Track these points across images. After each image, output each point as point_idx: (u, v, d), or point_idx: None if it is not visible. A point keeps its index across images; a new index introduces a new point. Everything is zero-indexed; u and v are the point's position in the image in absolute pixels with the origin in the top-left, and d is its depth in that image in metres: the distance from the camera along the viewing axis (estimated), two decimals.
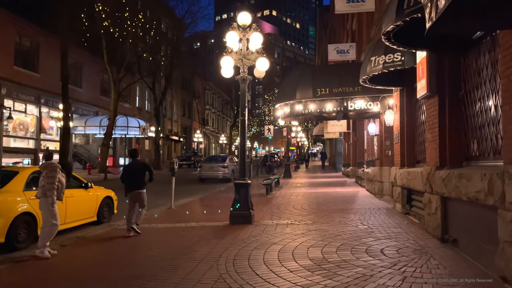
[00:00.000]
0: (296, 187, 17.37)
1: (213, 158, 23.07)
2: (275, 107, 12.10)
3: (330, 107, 10.63)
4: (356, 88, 10.43)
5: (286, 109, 11.36)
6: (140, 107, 44.49)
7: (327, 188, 16.47)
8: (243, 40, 8.68)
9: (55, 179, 6.16)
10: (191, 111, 61.35)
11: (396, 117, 9.79)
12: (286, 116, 11.42)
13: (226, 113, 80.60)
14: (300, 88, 10.77)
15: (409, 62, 7.46)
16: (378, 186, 12.51)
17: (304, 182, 20.36)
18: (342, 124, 21.41)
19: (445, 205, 6.26)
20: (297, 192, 14.96)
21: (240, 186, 8.63)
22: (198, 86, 64.13)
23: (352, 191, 15.03)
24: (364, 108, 10.62)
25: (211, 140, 70.91)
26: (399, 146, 9.52)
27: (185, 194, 15.46)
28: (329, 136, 27.72)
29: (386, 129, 12.21)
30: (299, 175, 28.21)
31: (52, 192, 6.10)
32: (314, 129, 40.18)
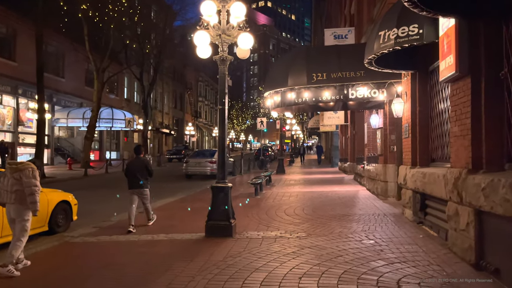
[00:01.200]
0: (289, 185, 15.84)
1: (201, 153, 21.48)
2: (264, 96, 10.52)
3: (327, 95, 9.06)
4: (359, 73, 8.86)
5: (276, 97, 9.77)
6: (129, 98, 42.72)
7: (323, 187, 14.95)
8: (223, 12, 7.06)
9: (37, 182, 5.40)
10: (183, 103, 59.56)
11: (406, 107, 8.24)
12: (276, 106, 9.84)
13: None
14: (293, 73, 9.17)
15: (429, 36, 5.88)
16: (382, 186, 11.00)
17: (298, 179, 18.84)
18: (340, 116, 19.87)
19: (482, 221, 4.74)
20: (290, 192, 13.43)
21: (218, 191, 7.06)
22: (190, 78, 62.29)
23: (351, 190, 13.51)
24: (367, 96, 9.07)
25: (204, 133, 69.23)
26: (410, 141, 7.99)
27: (167, 193, 13.93)
28: (325, 129, 26.19)
29: (391, 121, 10.69)
30: (294, 170, 26.69)
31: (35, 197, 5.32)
32: (309, 122, 38.62)
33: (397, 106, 8.29)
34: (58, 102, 30.38)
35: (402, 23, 6.11)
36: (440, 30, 5.62)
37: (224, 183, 7.11)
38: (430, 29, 5.88)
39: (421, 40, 5.94)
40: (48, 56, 28.39)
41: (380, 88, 8.99)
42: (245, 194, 12.97)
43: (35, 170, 5.44)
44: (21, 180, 5.30)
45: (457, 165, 5.40)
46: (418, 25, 5.95)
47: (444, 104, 6.91)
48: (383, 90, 8.99)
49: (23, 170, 5.34)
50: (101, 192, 15.13)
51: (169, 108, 54.01)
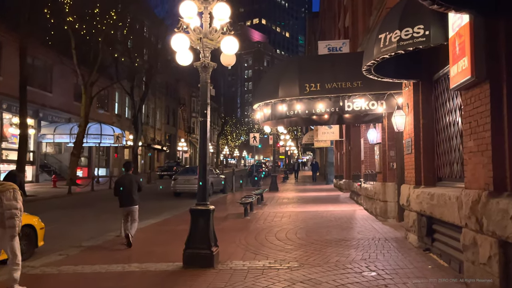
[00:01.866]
0: (282, 204, 14.97)
1: (190, 170, 20.60)
2: (253, 108, 9.75)
3: (321, 107, 8.30)
4: (356, 84, 8.13)
5: (266, 110, 8.99)
6: (120, 114, 41.88)
7: (318, 206, 14.09)
8: (205, 14, 6.34)
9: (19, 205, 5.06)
10: (176, 119, 58.81)
11: (408, 120, 7.50)
12: (266, 119, 9.05)
13: (213, 121, 78.13)
14: (284, 83, 8.43)
15: (437, 37, 5.17)
16: (381, 206, 10.18)
17: (291, 197, 17.97)
18: (334, 131, 19.16)
19: (509, 255, 3.92)
20: (283, 212, 12.56)
21: (198, 215, 6.21)
22: (184, 93, 61.70)
23: (347, 210, 12.67)
24: (365, 108, 8.32)
25: (197, 149, 68.28)
26: (413, 157, 7.22)
27: (152, 212, 13.03)
28: (319, 145, 25.47)
29: (390, 136, 9.94)
30: (287, 187, 25.83)
31: (14, 221, 4.99)
32: (303, 138, 37.96)
33: (398, 119, 7.54)
34: (44, 117, 29.46)
35: (405, 24, 5.40)
36: (450, 30, 4.90)
37: (205, 206, 6.27)
38: (437, 30, 5.17)
39: (427, 43, 5.22)
40: (35, 70, 27.66)
41: (379, 100, 8.26)
42: (234, 214, 12.10)
43: (17, 191, 5.11)
44: (1, 202, 4.95)
45: (474, 185, 4.61)
46: (423, 26, 5.23)
47: (452, 116, 6.16)
48: (382, 102, 8.26)
49: (4, 192, 5.00)
50: (81, 212, 14.18)
51: (162, 124, 53.18)
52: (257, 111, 9.55)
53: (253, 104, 9.39)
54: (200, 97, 6.48)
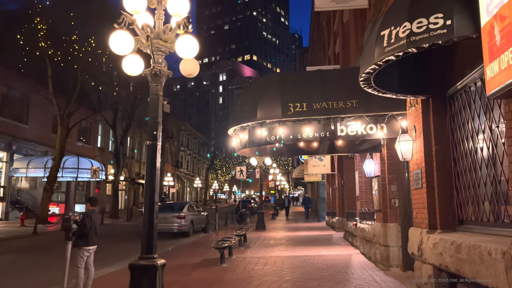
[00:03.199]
0: (267, 247, 13.19)
1: (168, 206, 18.77)
2: (228, 133, 8.23)
3: (309, 131, 6.81)
4: (349, 103, 6.70)
5: (243, 135, 7.47)
6: (102, 147, 40.13)
7: (308, 249, 12.35)
8: (158, 9, 4.94)
9: None
10: (164, 153, 57.12)
11: (416, 146, 6.02)
12: (243, 146, 7.49)
13: (202, 155, 76.62)
14: (264, 103, 6.95)
15: (463, 27, 3.76)
16: (382, 251, 8.53)
17: (279, 238, 16.19)
18: (325, 164, 17.68)
19: None
20: (267, 258, 10.82)
21: (140, 273, 4.54)
22: (172, 127, 60.36)
23: (342, 255, 10.95)
24: (361, 133, 6.84)
25: (185, 184, 66.23)
26: (425, 193, 5.68)
27: (117, 256, 11.30)
28: (310, 179, 23.90)
29: (391, 167, 8.46)
30: (276, 225, 23.98)
31: None
32: (293, 172, 36.42)
33: (404, 145, 6.05)
34: (18, 150, 27.64)
35: (417, 14, 4.01)
36: (483, 14, 3.50)
37: (150, 260, 4.61)
38: (463, 17, 3.77)
39: (450, 35, 3.80)
40: (10, 100, 26.17)
41: (378, 123, 6.81)
42: (210, 260, 10.33)
43: None
44: None
45: None
46: (443, 14, 3.84)
47: (477, 139, 4.69)
48: (382, 125, 6.80)
49: None
50: (36, 257, 12.28)
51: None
52: (233, 137, 8.03)
53: (228, 129, 7.91)
54: (149, 113, 4.97)
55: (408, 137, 6.09)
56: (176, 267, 9.77)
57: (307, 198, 31.15)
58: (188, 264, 10.11)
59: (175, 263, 10.29)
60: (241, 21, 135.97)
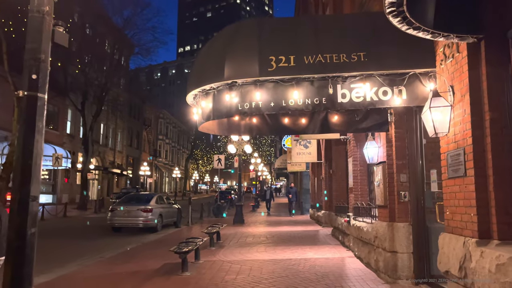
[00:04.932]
0: (244, 246, 11.23)
1: (134, 198, 16.58)
2: (187, 102, 6.10)
3: (298, 97, 4.76)
4: (355, 56, 4.69)
5: (205, 103, 5.36)
6: (72, 134, 37.43)
7: (292, 250, 10.44)
8: None
9: None
10: (140, 141, 54.53)
11: (456, 116, 4.07)
12: (206, 119, 5.34)
13: (182, 144, 74.10)
14: (234, 57, 4.85)
15: None
16: (387, 259, 6.65)
17: (259, 234, 14.24)
18: (311, 151, 15.76)
19: None
20: (242, 262, 8.86)
21: None
22: (150, 114, 57.73)
23: (333, 259, 9.06)
24: (370, 99, 4.83)
25: (164, 174, 63.80)
26: (472, 184, 3.76)
27: (60, 259, 9.40)
28: (293, 169, 22.03)
29: (400, 151, 6.56)
30: (256, 219, 22.06)
31: None
32: (276, 161, 34.53)
33: (437, 114, 4.11)
34: None
35: None
36: None
37: None
38: None
39: None
40: None
41: (395, 85, 4.83)
42: (172, 266, 8.33)
43: None
44: None
45: None
46: None
47: None
48: (400, 88, 4.82)
49: None
50: None
51: (123, 146, 48.78)
52: (193, 106, 5.92)
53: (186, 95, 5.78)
54: (27, 42, 2.86)
55: (444, 102, 4.14)
56: (125, 275, 7.74)
57: (293, 189, 25.30)
58: (143, 271, 8.08)
59: (127, 270, 8.25)
60: (224, 9, 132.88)
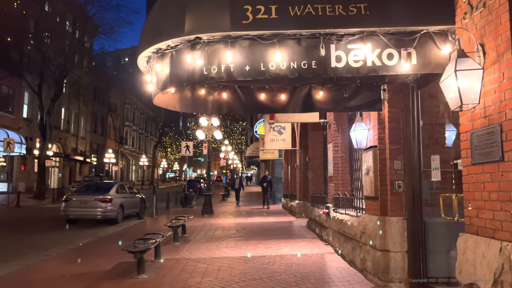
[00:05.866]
0: (212, 241, 10.16)
1: (91, 187, 15.13)
2: (139, 67, 4.88)
3: (280, 59, 3.66)
4: (354, 8, 3.58)
5: (161, 67, 4.15)
6: (30, 118, 34.98)
7: (265, 244, 9.46)
8: None
9: None
10: (106, 127, 52.12)
11: (487, 83, 3.09)
12: (162, 87, 4.08)
13: (150, 131, 71.84)
14: (198, 6, 3.72)
15: None
16: (377, 258, 5.74)
17: (228, 226, 13.20)
18: (286, 138, 14.79)
19: None
20: (210, 261, 7.80)
21: None
22: (115, 99, 55.25)
23: (311, 256, 8.13)
24: (372, 64, 3.78)
25: (130, 162, 61.59)
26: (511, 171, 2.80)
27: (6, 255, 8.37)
28: (265, 157, 21.06)
29: (394, 134, 5.65)
30: (226, 208, 21.02)
31: None
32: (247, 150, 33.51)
33: (464, 80, 3.13)
34: None
35: None
36: None
37: None
38: None
39: None
40: None
41: (403, 47, 3.81)
42: (127, 265, 7.17)
43: None
44: None
45: None
46: None
47: None
48: (409, 50, 3.80)
49: None
50: None
51: (87, 132, 46.40)
52: (146, 73, 4.70)
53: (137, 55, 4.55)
54: None
55: (473, 64, 3.16)
56: (69, 279, 6.54)
57: (267, 179, 21.69)
58: (92, 273, 6.89)
59: (73, 271, 7.05)
60: None
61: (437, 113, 6.04)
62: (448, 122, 6.03)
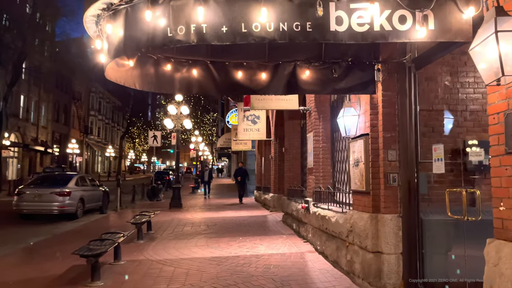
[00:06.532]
0: (180, 239, 9.31)
1: (48, 179, 13.84)
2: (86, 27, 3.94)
3: (266, 18, 2.84)
4: None
5: (113, 29, 3.16)
6: None
7: (240, 243, 8.70)
8: None
9: None
10: (69, 116, 49.72)
11: None
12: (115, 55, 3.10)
13: (117, 121, 69.47)
14: None
15: None
16: (367, 260, 5.09)
17: (198, 222, 12.36)
18: (260, 128, 14.03)
19: None
20: (177, 263, 6.99)
21: None
22: (80, 87, 52.75)
23: (290, 255, 7.43)
24: (380, 28, 3.01)
25: (96, 153, 59.33)
26: None
27: None
28: (238, 148, 20.26)
29: (388, 120, 5.01)
30: (196, 201, 20.12)
31: None
32: (218, 141, 32.55)
33: (505, 46, 2.44)
34: None
35: None
36: None
37: None
38: None
39: None
40: None
41: (418, 8, 3.06)
42: (81, 269, 6.23)
43: None
44: None
45: None
46: None
47: None
48: (426, 12, 3.06)
49: None
50: None
51: (48, 121, 44.05)
52: (95, 38, 3.75)
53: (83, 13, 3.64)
54: None
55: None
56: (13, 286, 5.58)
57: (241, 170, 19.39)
58: (40, 278, 5.93)
59: (18, 276, 6.08)
60: None
61: (435, 98, 5.42)
62: (446, 109, 5.43)
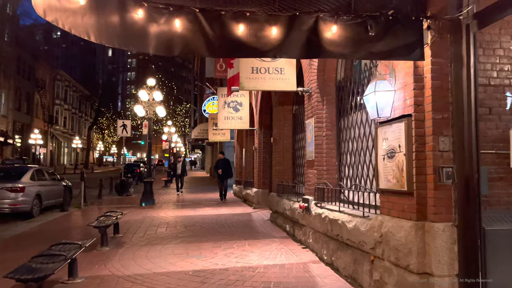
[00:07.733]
0: (153, 244, 7.83)
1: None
2: None
3: None
4: None
5: None
6: None
7: (226, 250, 7.31)
8: None
9: None
10: (32, 105, 46.66)
11: None
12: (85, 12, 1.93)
13: (84, 111, 66.31)
14: None
15: None
16: (407, 283, 3.81)
17: (174, 221, 10.87)
18: (243, 116, 12.62)
19: None
20: (148, 279, 5.55)
21: None
22: (44, 75, 49.64)
23: (290, 266, 6.09)
24: None
25: (62, 144, 56.27)
26: None
27: None
28: (215, 139, 18.75)
29: (439, 96, 3.68)
30: (170, 197, 18.55)
31: None
32: (193, 132, 30.86)
33: None
34: None
35: None
36: None
37: None
38: None
39: None
40: None
41: None
42: None
43: None
44: None
45: None
46: None
47: None
48: None
49: None
50: None
51: (8, 110, 41.05)
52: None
53: None
54: None
55: None
56: None
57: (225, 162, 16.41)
58: None
59: None
60: None
61: (493, 69, 4.18)
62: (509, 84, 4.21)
